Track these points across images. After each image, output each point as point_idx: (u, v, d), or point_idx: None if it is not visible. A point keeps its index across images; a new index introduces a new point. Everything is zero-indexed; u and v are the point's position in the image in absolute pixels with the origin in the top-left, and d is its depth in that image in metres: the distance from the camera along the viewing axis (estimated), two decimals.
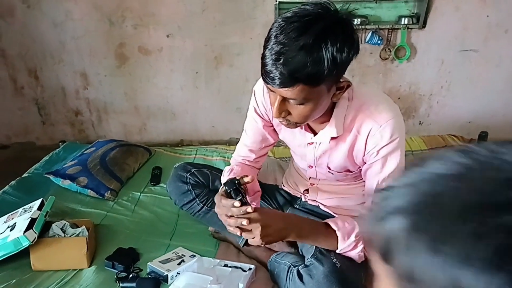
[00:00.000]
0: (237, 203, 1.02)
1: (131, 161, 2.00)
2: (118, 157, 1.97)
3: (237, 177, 1.09)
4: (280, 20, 0.90)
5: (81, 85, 2.65)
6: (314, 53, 0.86)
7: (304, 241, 1.18)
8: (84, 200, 1.78)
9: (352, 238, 1.12)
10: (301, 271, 1.11)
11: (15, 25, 2.46)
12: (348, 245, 1.12)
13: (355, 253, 1.15)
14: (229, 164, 1.39)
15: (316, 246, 1.18)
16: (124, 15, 2.42)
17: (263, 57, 0.92)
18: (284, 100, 0.97)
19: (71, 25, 2.45)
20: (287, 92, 0.92)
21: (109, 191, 1.78)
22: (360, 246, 1.14)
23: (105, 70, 2.59)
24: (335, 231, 1.11)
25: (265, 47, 0.91)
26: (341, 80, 1.00)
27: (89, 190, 1.78)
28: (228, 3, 2.36)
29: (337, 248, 1.12)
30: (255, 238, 1.03)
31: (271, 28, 0.92)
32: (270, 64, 0.89)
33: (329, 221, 1.14)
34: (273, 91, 0.97)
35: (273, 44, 0.89)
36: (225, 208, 1.05)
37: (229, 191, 1.06)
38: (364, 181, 1.27)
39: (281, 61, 0.87)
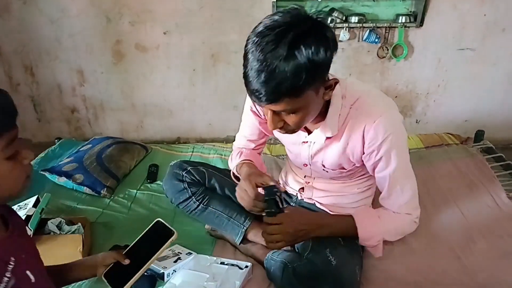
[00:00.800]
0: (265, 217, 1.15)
1: (127, 159, 1.99)
2: (114, 155, 1.96)
3: (277, 187, 1.16)
4: (253, 36, 0.90)
5: (78, 82, 2.64)
6: (291, 64, 0.86)
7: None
8: (80, 197, 1.77)
9: (373, 241, 1.22)
10: (297, 269, 1.11)
11: (11, 22, 2.45)
12: (367, 243, 1.23)
13: (372, 249, 1.25)
14: (226, 162, 1.41)
15: (312, 244, 1.19)
16: (121, 12, 2.41)
17: (245, 76, 0.93)
18: (275, 113, 0.99)
19: (68, 21, 2.44)
20: (275, 106, 0.94)
21: (105, 188, 1.77)
22: (378, 243, 1.23)
23: (101, 67, 2.58)
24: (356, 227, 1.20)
25: (244, 65, 0.92)
26: (328, 79, 1.00)
27: (85, 187, 1.77)
28: (226, 0, 2.35)
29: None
30: (284, 239, 1.14)
31: (246, 45, 0.92)
32: (253, 83, 0.90)
33: (355, 217, 1.22)
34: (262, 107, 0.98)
35: (251, 62, 0.89)
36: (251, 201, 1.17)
37: (266, 198, 1.15)
38: (359, 179, 1.29)
39: (262, 79, 0.88)
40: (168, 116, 2.74)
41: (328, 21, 2.28)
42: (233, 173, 1.38)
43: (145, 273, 1.26)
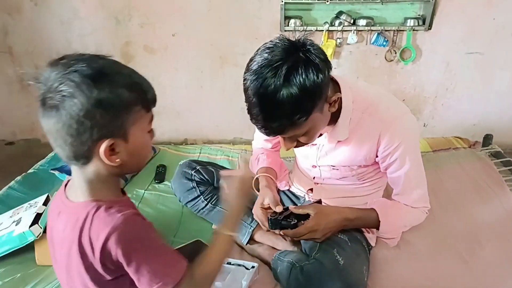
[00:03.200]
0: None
1: None
2: None
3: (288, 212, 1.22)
4: (249, 76, 0.94)
5: None
6: (286, 100, 0.90)
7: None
8: None
9: (391, 234, 1.27)
10: (304, 269, 1.11)
11: (23, 22, 2.48)
12: (386, 236, 1.27)
13: (389, 241, 1.29)
14: (233, 163, 1.42)
15: (319, 244, 1.19)
16: (130, 14, 2.43)
17: (249, 112, 0.98)
18: (285, 138, 1.05)
19: (78, 23, 2.47)
20: (284, 135, 1.01)
21: None
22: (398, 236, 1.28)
23: None
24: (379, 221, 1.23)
25: (246, 102, 0.97)
26: (329, 95, 1.03)
27: None
28: (234, 2, 2.36)
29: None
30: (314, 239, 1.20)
31: (245, 83, 0.96)
32: (257, 121, 0.96)
33: (379, 213, 1.23)
34: None
35: (252, 101, 0.93)
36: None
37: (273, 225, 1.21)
38: (368, 182, 1.29)
39: (266, 118, 0.94)
40: (176, 118, 2.75)
41: (336, 24, 2.29)
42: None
43: None
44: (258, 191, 1.33)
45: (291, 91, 0.89)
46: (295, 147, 1.10)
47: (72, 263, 0.76)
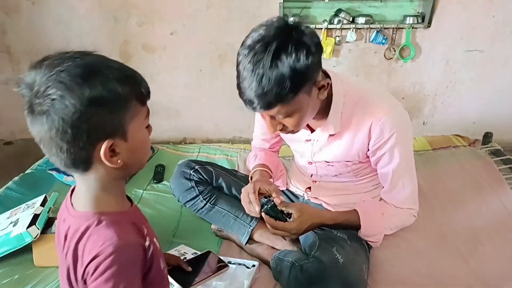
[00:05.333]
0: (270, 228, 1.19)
1: None
2: None
3: (272, 200, 1.19)
4: (242, 50, 0.97)
5: None
6: (274, 74, 0.92)
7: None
8: None
9: (374, 238, 1.25)
10: (304, 268, 1.11)
11: (20, 22, 2.47)
12: (367, 237, 1.25)
13: (371, 243, 1.27)
14: (232, 162, 1.42)
15: (319, 243, 1.19)
16: (129, 12, 2.42)
17: (238, 87, 1.01)
18: (272, 117, 1.05)
19: (76, 22, 2.46)
20: (269, 112, 1.01)
21: None
22: (379, 240, 1.26)
23: None
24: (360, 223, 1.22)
25: (237, 77, 1.00)
26: (319, 79, 1.03)
27: None
28: (233, 1, 2.35)
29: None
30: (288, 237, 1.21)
31: (237, 58, 0.99)
32: (245, 94, 0.98)
33: (361, 215, 1.22)
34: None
35: (242, 74, 0.97)
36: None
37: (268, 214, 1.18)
38: (365, 178, 1.29)
39: (253, 90, 0.95)
40: (175, 117, 2.74)
41: (335, 22, 2.28)
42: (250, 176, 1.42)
43: None
44: None
45: (280, 67, 0.92)
46: (282, 131, 1.09)
47: (64, 270, 0.74)
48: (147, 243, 0.74)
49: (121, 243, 0.68)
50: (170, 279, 1.06)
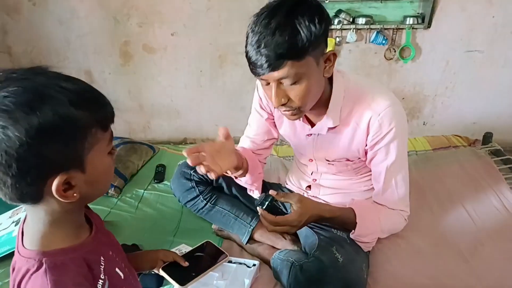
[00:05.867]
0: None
1: (135, 159, 2.01)
2: (122, 154, 1.98)
3: (270, 195, 1.14)
4: (252, 18, 0.97)
5: None
6: (288, 28, 0.91)
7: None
8: None
9: (367, 239, 1.21)
10: (304, 267, 1.11)
11: (21, 23, 2.48)
12: (361, 239, 1.21)
13: (364, 245, 1.23)
14: None
15: (318, 242, 1.19)
16: (129, 13, 2.43)
17: (247, 53, 0.97)
18: (279, 85, 1.00)
19: (77, 23, 2.47)
20: (278, 73, 0.96)
21: (113, 188, 1.78)
22: (373, 241, 1.23)
23: (109, 68, 2.60)
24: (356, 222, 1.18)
25: (246, 45, 0.97)
26: (326, 52, 1.03)
27: None
28: (233, 1, 2.36)
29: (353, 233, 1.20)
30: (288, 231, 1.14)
31: (248, 28, 0.97)
32: (254, 54, 0.95)
33: (358, 216, 1.19)
34: (265, 80, 1.00)
35: (252, 38, 0.95)
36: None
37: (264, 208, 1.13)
38: (366, 176, 1.29)
39: (262, 47, 0.93)
40: (175, 117, 2.75)
41: (336, 23, 2.29)
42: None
43: (151, 272, 1.28)
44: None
45: (294, 22, 0.91)
46: (286, 107, 1.04)
47: None
48: (99, 284, 0.67)
49: None
50: (166, 277, 1.01)
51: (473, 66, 2.47)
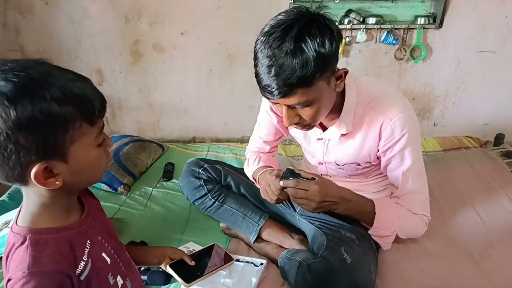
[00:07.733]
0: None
1: (144, 157, 2.02)
2: (131, 152, 1.99)
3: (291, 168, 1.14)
4: (260, 37, 0.94)
5: (97, 82, 2.68)
6: (298, 56, 0.90)
7: (347, 215, 1.21)
8: (97, 193, 1.78)
9: (386, 232, 1.19)
10: (312, 267, 1.11)
11: (34, 22, 2.51)
12: (380, 233, 1.20)
13: (382, 239, 1.22)
14: (241, 162, 1.41)
15: (327, 243, 1.18)
16: (140, 13, 2.44)
17: (256, 75, 0.96)
18: (289, 107, 1.00)
19: (88, 22, 2.49)
20: (289, 100, 0.96)
21: (122, 186, 1.80)
22: (392, 234, 1.20)
23: (120, 66, 2.62)
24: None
25: (255, 65, 0.96)
26: (337, 69, 1.02)
27: (102, 184, 1.80)
28: (243, 1, 2.36)
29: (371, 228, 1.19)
30: (308, 206, 1.09)
31: (255, 46, 0.96)
32: (264, 79, 0.94)
33: (377, 207, 1.17)
34: (277, 103, 1.00)
35: (261, 60, 0.93)
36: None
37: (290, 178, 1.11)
38: (376, 179, 1.28)
39: (272, 74, 0.91)
40: (184, 116, 2.76)
41: (346, 22, 2.28)
42: (254, 179, 1.38)
43: (159, 269, 1.28)
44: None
45: (304, 49, 0.90)
46: (298, 125, 1.05)
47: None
48: (80, 267, 0.69)
49: (32, 271, 0.63)
50: (173, 273, 1.04)
51: (485, 67, 2.43)
